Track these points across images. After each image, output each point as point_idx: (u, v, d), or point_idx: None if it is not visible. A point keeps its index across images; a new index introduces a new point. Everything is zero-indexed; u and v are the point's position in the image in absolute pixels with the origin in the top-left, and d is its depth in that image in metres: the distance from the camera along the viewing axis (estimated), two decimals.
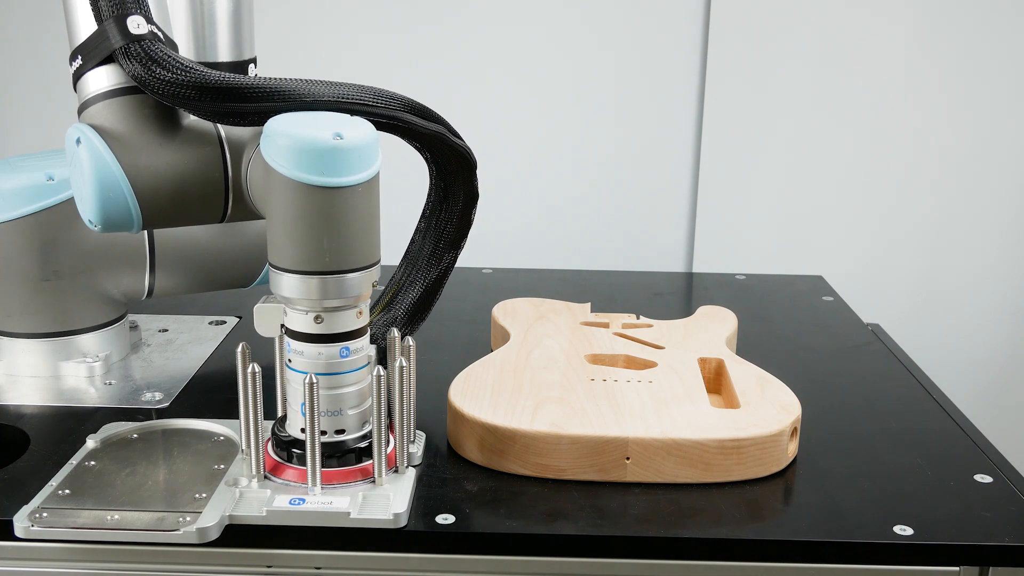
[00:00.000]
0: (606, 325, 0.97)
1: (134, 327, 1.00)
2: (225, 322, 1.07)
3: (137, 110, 0.74)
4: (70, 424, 0.82)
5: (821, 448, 0.80)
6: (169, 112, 0.75)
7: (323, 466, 0.70)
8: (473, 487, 0.73)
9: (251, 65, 0.86)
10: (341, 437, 0.72)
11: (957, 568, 0.68)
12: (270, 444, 0.74)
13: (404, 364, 0.72)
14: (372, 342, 0.76)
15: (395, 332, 0.77)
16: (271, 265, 0.69)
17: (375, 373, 0.69)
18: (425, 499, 0.71)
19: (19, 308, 0.89)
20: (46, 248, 0.87)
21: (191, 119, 0.76)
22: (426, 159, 0.80)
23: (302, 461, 0.70)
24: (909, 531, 0.68)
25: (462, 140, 0.79)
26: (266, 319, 0.71)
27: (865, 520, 0.70)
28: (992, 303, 1.48)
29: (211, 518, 0.66)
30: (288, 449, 0.72)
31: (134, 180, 0.72)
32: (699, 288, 1.27)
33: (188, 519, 0.66)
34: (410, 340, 0.76)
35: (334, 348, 0.70)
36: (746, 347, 1.00)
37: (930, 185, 1.45)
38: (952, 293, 1.48)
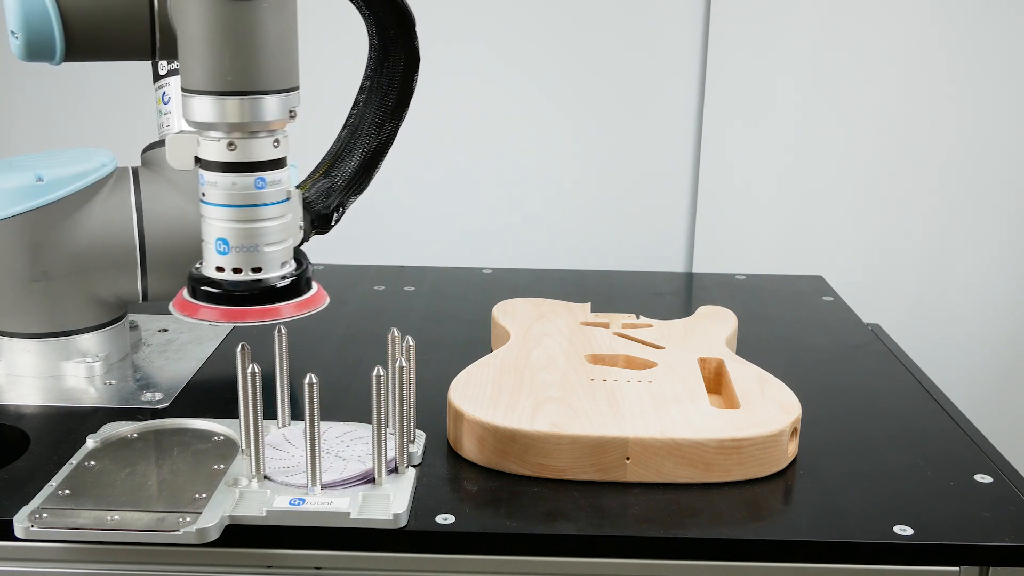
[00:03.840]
0: (606, 325, 0.97)
1: (134, 327, 1.00)
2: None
3: None
4: (70, 424, 0.82)
5: (821, 448, 0.80)
6: None
7: (237, 305, 0.68)
8: (473, 487, 0.73)
9: None
10: (258, 276, 0.70)
11: (957, 568, 0.68)
12: (184, 291, 0.71)
13: (404, 364, 0.72)
14: (310, 209, 0.75)
15: (395, 332, 0.77)
16: (183, 90, 0.67)
17: (375, 373, 0.69)
18: (425, 499, 0.71)
19: (10, 308, 0.88)
20: (35, 249, 0.87)
21: None
22: (363, 15, 0.77)
23: (212, 299, 0.68)
24: (909, 531, 0.68)
25: None
26: (179, 150, 0.69)
27: (865, 520, 0.70)
28: (992, 303, 1.48)
29: (211, 518, 0.66)
30: (199, 286, 0.69)
31: None
32: (699, 288, 1.27)
33: (188, 519, 0.66)
34: (410, 340, 0.76)
35: (249, 178, 0.68)
36: (746, 347, 1.01)
37: (930, 185, 1.45)
38: (952, 293, 1.48)
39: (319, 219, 0.78)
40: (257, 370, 0.69)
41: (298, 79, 0.69)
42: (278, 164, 0.69)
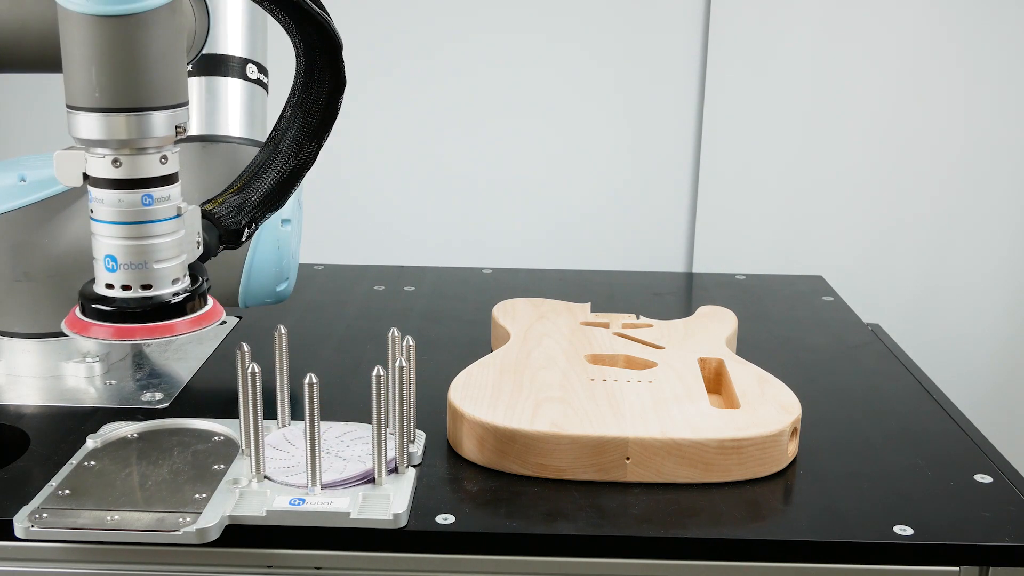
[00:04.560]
0: (606, 325, 0.97)
1: None
2: (225, 322, 1.07)
3: None
4: (70, 424, 0.82)
5: (821, 448, 0.80)
6: None
7: (125, 322, 0.68)
8: (473, 487, 0.73)
9: None
10: (148, 293, 0.69)
11: (957, 568, 0.68)
12: (76, 310, 0.71)
13: (404, 364, 0.72)
14: (219, 224, 0.75)
15: (395, 332, 0.77)
16: (67, 107, 0.66)
17: (375, 373, 0.69)
18: (425, 499, 0.71)
19: None
20: (17, 249, 0.86)
21: None
22: (291, 36, 0.76)
23: (101, 316, 0.68)
24: (909, 531, 0.68)
25: (327, 15, 0.75)
26: (67, 166, 0.68)
27: (865, 520, 0.70)
28: (992, 303, 1.48)
29: (211, 518, 0.66)
30: (88, 304, 0.69)
31: None
32: (699, 288, 1.27)
33: (188, 519, 0.66)
34: (410, 340, 0.75)
35: (135, 195, 0.67)
36: (746, 347, 1.00)
37: (930, 185, 1.45)
38: (952, 293, 1.48)
39: (228, 234, 0.77)
40: (257, 370, 0.69)
41: (186, 95, 0.68)
42: (167, 180, 0.69)
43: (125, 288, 0.68)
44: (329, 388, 0.89)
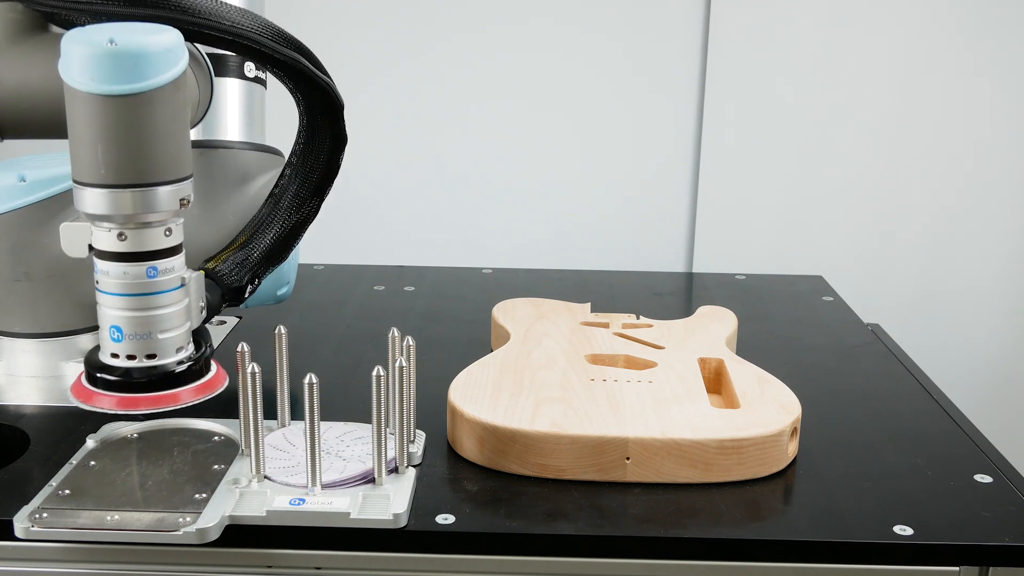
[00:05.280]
0: (606, 325, 0.97)
1: None
2: (225, 322, 1.07)
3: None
4: (70, 424, 0.82)
5: (821, 448, 0.81)
6: (35, 20, 0.77)
7: (131, 391, 0.70)
8: (473, 487, 0.73)
9: None
10: (152, 362, 0.70)
11: (957, 568, 0.68)
12: (82, 377, 0.72)
13: (404, 364, 0.72)
14: (221, 283, 0.75)
15: (395, 332, 0.77)
16: (73, 181, 0.68)
17: (375, 373, 0.69)
18: (425, 499, 0.71)
19: None
20: (17, 249, 0.86)
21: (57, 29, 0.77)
22: (295, 97, 0.78)
23: (107, 386, 0.70)
24: (909, 531, 0.68)
25: (328, 77, 0.76)
26: (73, 238, 0.70)
27: (865, 520, 0.70)
28: (992, 303, 1.49)
29: (211, 518, 0.66)
30: (97, 375, 0.70)
31: None
32: (699, 288, 1.27)
33: (188, 519, 0.66)
34: (410, 340, 0.76)
35: (140, 268, 0.69)
36: (746, 347, 1.01)
37: (930, 185, 1.45)
38: (953, 293, 1.48)
39: (231, 292, 0.78)
40: (257, 370, 0.70)
41: (190, 168, 0.70)
42: (171, 252, 0.70)
43: (130, 358, 0.70)
44: (329, 388, 0.89)
